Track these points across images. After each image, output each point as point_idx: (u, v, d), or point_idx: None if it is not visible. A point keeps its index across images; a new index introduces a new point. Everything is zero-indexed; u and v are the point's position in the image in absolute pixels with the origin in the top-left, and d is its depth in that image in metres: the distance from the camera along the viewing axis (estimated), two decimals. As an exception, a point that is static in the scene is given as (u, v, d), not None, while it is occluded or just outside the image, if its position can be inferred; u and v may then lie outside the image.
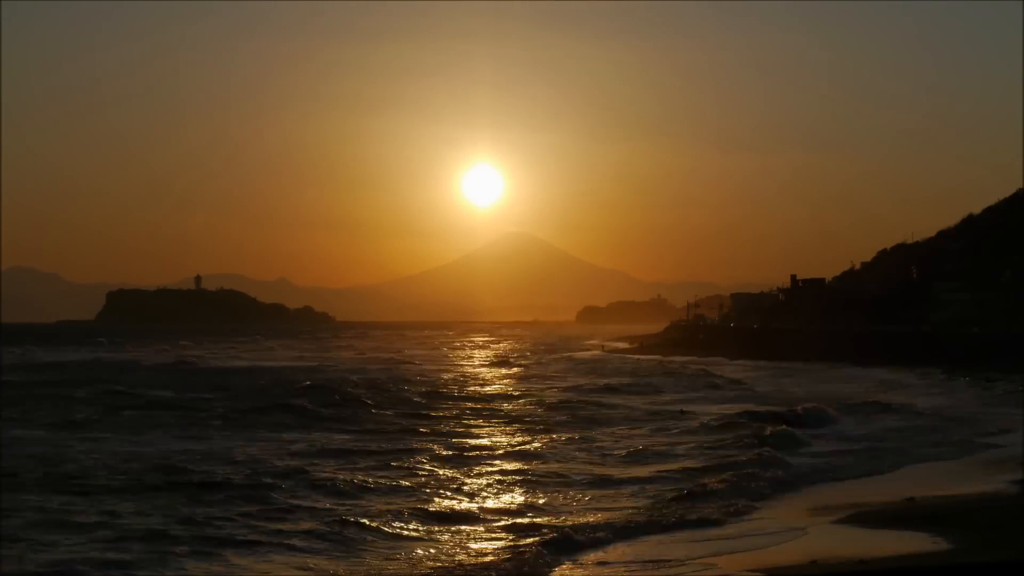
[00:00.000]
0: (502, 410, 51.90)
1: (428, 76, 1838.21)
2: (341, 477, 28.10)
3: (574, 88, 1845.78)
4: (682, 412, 49.51)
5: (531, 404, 55.15)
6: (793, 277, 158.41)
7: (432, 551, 20.12)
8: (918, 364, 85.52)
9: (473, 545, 20.67)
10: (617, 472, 30.45)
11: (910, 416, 46.83)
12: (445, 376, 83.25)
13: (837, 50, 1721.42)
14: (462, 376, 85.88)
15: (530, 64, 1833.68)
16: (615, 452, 34.89)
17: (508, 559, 18.89)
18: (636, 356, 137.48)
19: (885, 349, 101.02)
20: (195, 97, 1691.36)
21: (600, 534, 21.32)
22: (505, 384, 75.81)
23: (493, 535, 21.60)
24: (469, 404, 55.76)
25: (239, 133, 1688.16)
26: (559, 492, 26.85)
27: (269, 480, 27.34)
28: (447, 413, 50.00)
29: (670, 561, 19.00)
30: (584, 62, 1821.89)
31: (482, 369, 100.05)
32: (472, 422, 46.15)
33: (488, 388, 70.30)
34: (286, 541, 20.55)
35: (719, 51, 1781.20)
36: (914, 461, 32.56)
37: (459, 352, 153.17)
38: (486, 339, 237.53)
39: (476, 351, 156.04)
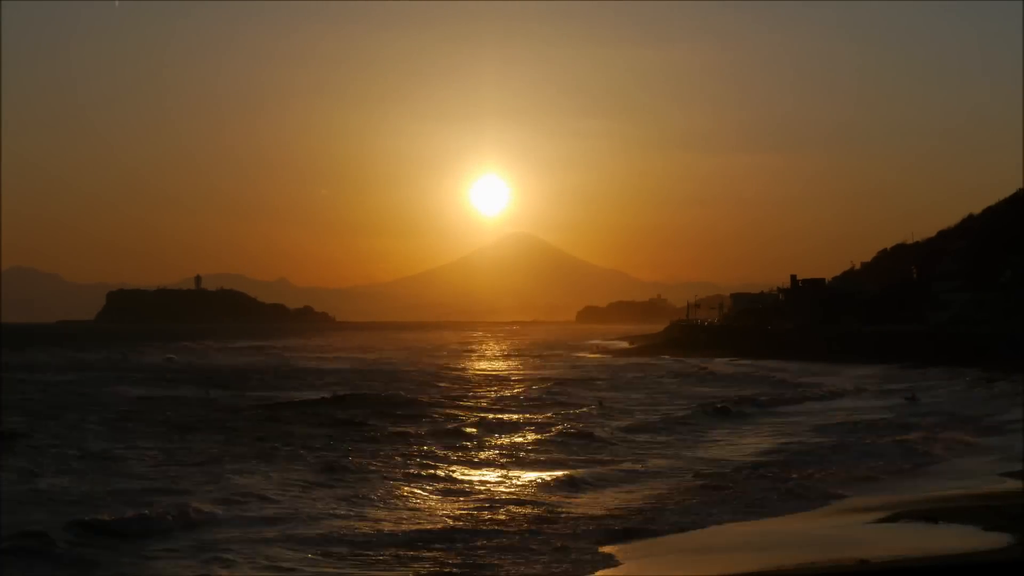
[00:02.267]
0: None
1: (429, 75, 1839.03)
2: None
3: (573, 89, 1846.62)
4: None
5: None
6: (793, 277, 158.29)
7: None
8: (918, 364, 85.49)
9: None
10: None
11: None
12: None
13: (836, 50, 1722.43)
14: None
15: (532, 65, 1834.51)
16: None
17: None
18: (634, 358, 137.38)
19: (885, 349, 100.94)
20: (196, 96, 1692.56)
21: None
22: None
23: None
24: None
25: (239, 132, 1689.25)
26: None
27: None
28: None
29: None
30: (582, 62, 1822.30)
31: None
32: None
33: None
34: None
35: (720, 52, 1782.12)
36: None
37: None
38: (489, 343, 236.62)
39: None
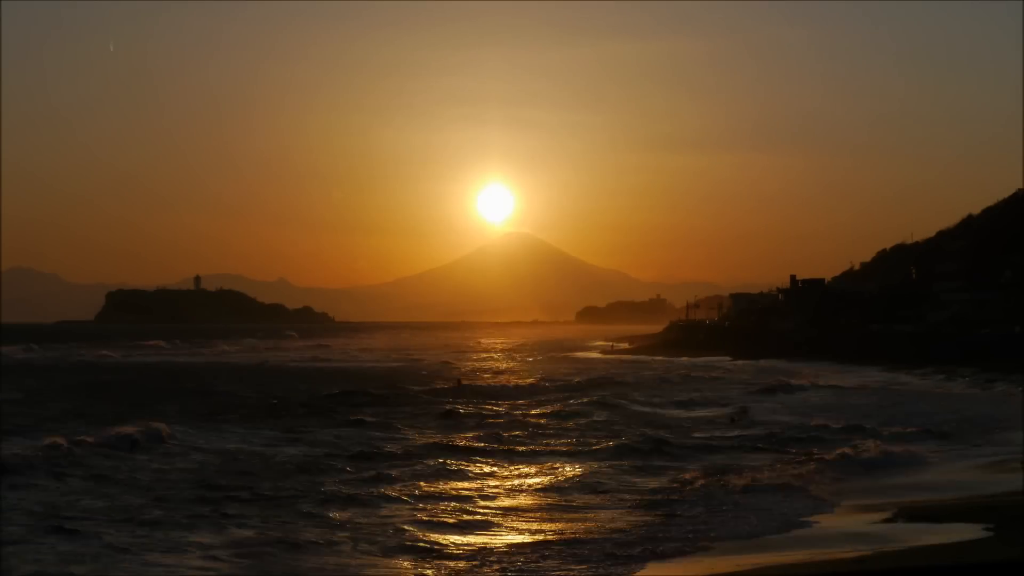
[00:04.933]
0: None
1: (430, 74, 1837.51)
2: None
3: (574, 86, 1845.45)
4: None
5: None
6: (793, 277, 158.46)
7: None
8: (918, 364, 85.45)
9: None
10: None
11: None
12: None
13: (837, 49, 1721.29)
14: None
15: (533, 62, 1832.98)
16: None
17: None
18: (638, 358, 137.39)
19: (885, 349, 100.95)
20: (195, 96, 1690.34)
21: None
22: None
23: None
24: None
25: (239, 133, 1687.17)
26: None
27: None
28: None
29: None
30: (581, 62, 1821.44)
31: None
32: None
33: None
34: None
35: (719, 49, 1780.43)
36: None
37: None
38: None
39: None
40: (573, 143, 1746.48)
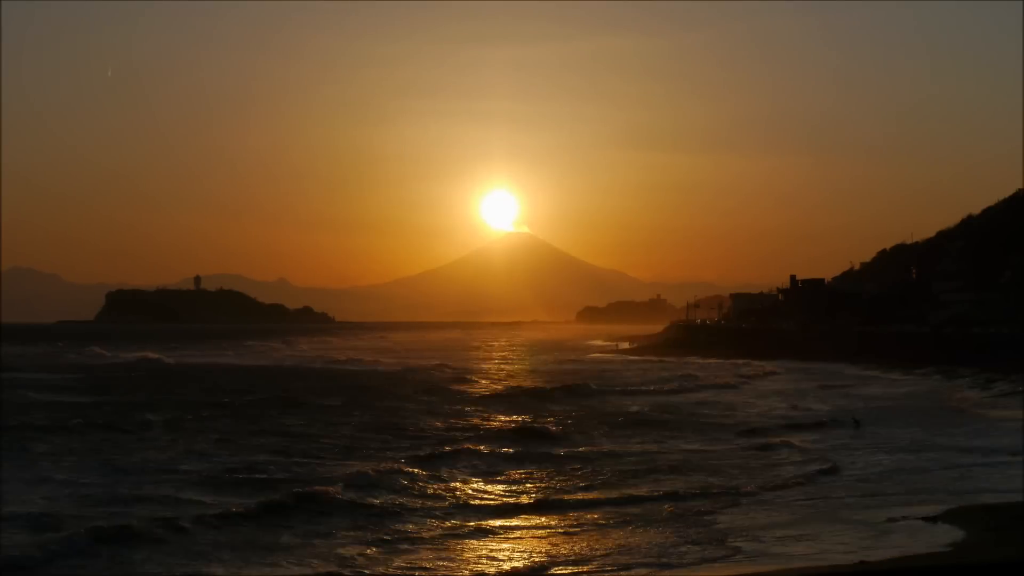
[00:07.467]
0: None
1: (430, 73, 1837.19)
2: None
3: (572, 82, 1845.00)
4: None
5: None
6: (793, 277, 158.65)
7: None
8: (918, 364, 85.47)
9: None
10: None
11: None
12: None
13: (836, 50, 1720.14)
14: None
15: (531, 59, 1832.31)
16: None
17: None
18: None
19: (884, 349, 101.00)
20: (194, 96, 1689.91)
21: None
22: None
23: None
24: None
25: (239, 132, 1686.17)
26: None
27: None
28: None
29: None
30: (582, 62, 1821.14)
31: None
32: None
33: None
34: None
35: (720, 48, 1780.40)
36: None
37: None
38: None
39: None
40: (574, 143, 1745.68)
